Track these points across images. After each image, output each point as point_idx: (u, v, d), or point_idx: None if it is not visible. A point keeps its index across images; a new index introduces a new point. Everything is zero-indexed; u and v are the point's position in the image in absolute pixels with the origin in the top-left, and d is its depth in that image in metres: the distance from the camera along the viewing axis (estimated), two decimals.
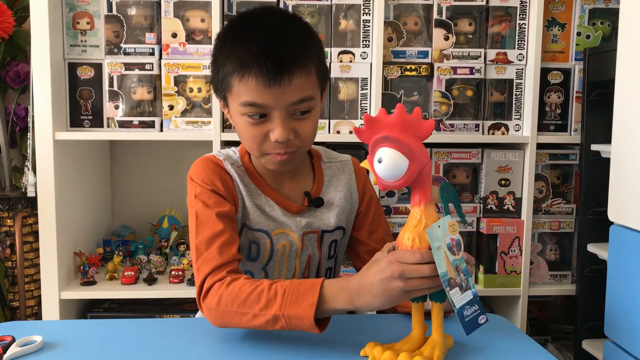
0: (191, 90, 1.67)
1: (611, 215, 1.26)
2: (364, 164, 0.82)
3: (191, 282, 1.68)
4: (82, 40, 1.66)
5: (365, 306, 0.81)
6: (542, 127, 1.73)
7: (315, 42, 0.97)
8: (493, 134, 1.73)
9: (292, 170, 1.04)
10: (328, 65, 1.65)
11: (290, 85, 0.90)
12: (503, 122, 1.73)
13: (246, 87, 0.91)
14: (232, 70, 0.92)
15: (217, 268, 0.91)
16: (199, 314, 1.13)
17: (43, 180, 1.60)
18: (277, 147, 0.94)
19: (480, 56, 1.70)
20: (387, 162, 0.78)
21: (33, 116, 1.60)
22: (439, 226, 0.78)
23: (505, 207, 1.73)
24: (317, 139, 1.88)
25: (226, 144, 1.69)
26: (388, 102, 1.68)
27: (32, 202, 1.71)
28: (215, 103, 1.63)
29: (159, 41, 1.67)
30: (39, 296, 1.70)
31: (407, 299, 0.81)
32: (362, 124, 1.66)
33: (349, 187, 1.10)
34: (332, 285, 0.83)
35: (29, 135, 1.68)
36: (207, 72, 1.63)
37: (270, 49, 0.89)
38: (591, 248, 1.59)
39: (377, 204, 1.14)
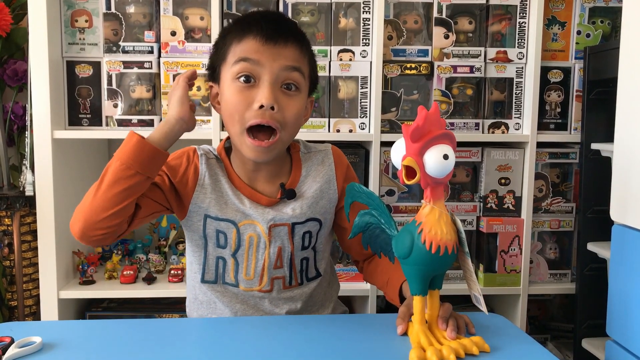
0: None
1: (613, 215, 1.25)
2: (410, 162, 0.77)
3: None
4: (80, 39, 1.65)
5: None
6: (542, 126, 1.72)
7: (310, 51, 1.05)
8: (493, 132, 1.72)
9: (269, 167, 1.05)
10: (328, 64, 1.65)
11: (285, 47, 0.97)
12: (503, 120, 1.73)
13: (243, 46, 0.97)
14: (232, 39, 0.99)
15: None
16: (196, 314, 1.12)
17: (41, 179, 1.59)
18: (259, 116, 0.96)
19: (480, 55, 1.69)
20: (452, 159, 0.78)
21: (31, 114, 1.59)
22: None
23: (505, 206, 1.73)
24: (315, 138, 1.86)
25: None
26: (388, 100, 1.67)
27: (31, 201, 1.70)
28: None
29: (158, 39, 1.66)
30: (37, 295, 1.69)
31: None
32: (400, 121, 1.66)
33: (327, 179, 1.09)
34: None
35: (27, 133, 1.67)
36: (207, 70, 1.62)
37: (272, 16, 1.02)
38: (591, 247, 1.58)
39: None
